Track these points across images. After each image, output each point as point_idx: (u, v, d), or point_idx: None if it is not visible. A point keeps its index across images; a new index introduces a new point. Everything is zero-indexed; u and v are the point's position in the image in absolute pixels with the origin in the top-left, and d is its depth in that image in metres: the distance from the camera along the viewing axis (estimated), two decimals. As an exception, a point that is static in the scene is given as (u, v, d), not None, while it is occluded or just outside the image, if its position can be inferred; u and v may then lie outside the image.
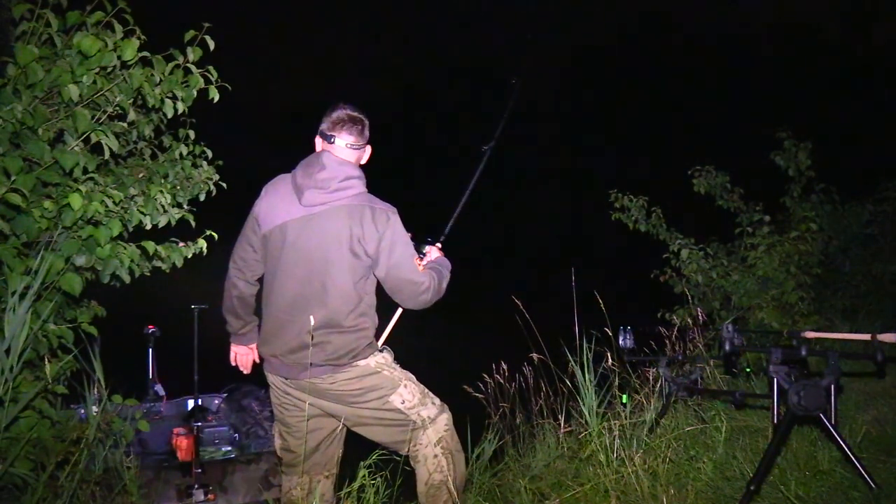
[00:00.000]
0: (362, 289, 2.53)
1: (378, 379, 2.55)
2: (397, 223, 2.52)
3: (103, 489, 2.93)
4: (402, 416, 2.56)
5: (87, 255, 2.87)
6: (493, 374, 3.93)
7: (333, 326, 2.47)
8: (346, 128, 2.53)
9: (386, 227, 2.47)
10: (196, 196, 3.55)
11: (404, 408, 2.56)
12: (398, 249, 2.50)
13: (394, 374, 2.59)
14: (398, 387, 2.56)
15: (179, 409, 4.81)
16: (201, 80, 3.13)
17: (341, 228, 2.45)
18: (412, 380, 2.64)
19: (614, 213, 5.83)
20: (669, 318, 5.28)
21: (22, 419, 2.67)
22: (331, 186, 2.46)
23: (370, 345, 2.56)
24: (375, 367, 2.56)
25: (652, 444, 3.20)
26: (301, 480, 2.67)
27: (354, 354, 2.50)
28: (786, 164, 5.79)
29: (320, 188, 2.46)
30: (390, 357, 2.66)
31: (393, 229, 2.49)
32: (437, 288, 2.61)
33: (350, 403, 2.55)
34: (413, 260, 2.56)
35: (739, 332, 3.13)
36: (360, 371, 2.52)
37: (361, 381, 2.53)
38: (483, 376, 3.94)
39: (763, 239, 5.42)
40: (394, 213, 2.52)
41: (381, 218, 2.48)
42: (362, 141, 2.57)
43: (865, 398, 4.06)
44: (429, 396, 2.64)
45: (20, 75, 2.73)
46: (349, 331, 2.49)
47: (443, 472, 2.58)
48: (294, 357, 2.50)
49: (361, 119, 2.56)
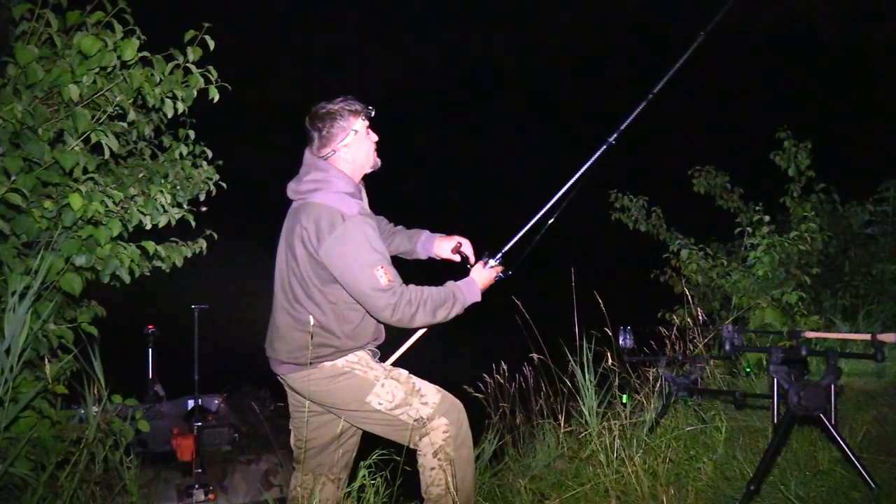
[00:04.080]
0: (330, 293, 2.41)
1: (349, 380, 2.44)
2: (349, 230, 2.32)
3: (103, 489, 2.93)
4: (388, 417, 2.43)
5: (87, 255, 2.86)
6: (493, 374, 3.93)
7: (298, 323, 2.44)
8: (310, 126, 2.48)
9: (333, 234, 2.31)
10: (196, 196, 3.55)
11: (384, 409, 2.42)
12: (348, 258, 2.32)
13: (368, 373, 2.45)
14: (374, 387, 2.43)
15: (179, 409, 4.82)
16: (201, 80, 3.13)
17: (299, 227, 2.40)
18: (395, 378, 2.47)
19: (614, 214, 5.83)
20: (669, 318, 5.27)
21: (22, 419, 2.66)
22: (301, 182, 2.47)
23: (339, 350, 2.44)
24: (344, 367, 2.44)
25: (652, 444, 3.20)
26: (305, 479, 2.64)
27: (317, 355, 2.41)
28: (786, 164, 5.78)
29: (295, 182, 2.51)
30: (366, 356, 2.51)
31: (342, 235, 2.31)
32: (412, 312, 2.37)
33: (333, 405, 2.51)
34: (368, 271, 2.32)
35: (739, 332, 3.12)
36: (328, 372, 2.44)
37: (332, 383, 2.45)
38: (483, 376, 3.94)
39: (763, 239, 5.42)
40: (351, 218, 2.33)
41: (326, 225, 2.33)
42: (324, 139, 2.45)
43: (865, 398, 4.05)
44: (418, 395, 2.45)
45: (20, 75, 2.74)
46: (318, 332, 2.41)
47: (440, 486, 2.42)
48: (271, 351, 2.55)
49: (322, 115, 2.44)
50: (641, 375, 4.00)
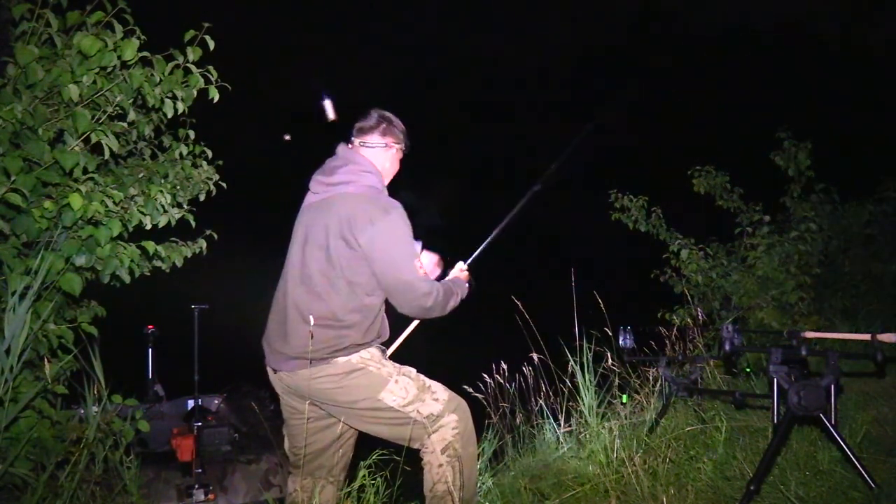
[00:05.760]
0: (358, 284, 2.43)
1: (363, 376, 2.43)
2: (397, 219, 2.43)
3: (103, 489, 2.93)
4: (400, 415, 2.44)
5: (87, 255, 2.86)
6: (493, 374, 3.93)
7: (322, 318, 2.40)
8: (367, 129, 2.61)
9: (380, 222, 2.39)
10: (196, 196, 3.55)
11: (398, 406, 2.43)
12: (393, 245, 2.41)
13: (381, 370, 2.46)
14: (387, 383, 2.44)
15: (179, 409, 4.83)
16: (201, 80, 3.13)
17: (334, 218, 2.42)
18: (407, 374, 2.50)
19: (614, 214, 5.83)
20: (669, 318, 5.28)
21: (22, 419, 2.66)
22: (336, 174, 2.50)
23: (356, 344, 2.44)
24: (358, 364, 2.43)
25: (652, 444, 3.20)
26: (304, 483, 2.62)
27: (334, 350, 2.40)
28: (786, 164, 5.79)
29: (326, 175, 2.52)
30: (378, 353, 2.52)
31: (389, 225, 2.40)
32: (440, 301, 2.50)
33: (342, 403, 2.46)
34: (412, 261, 2.44)
35: (739, 332, 3.12)
36: (342, 367, 2.41)
37: (344, 380, 2.42)
38: (483, 376, 3.94)
39: (763, 239, 5.42)
40: (395, 209, 2.44)
41: (375, 212, 2.40)
42: (384, 140, 2.61)
43: (865, 398, 4.05)
44: (429, 392, 2.49)
45: (20, 75, 2.73)
46: (336, 325, 2.40)
47: (446, 482, 2.44)
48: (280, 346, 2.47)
49: (380, 120, 2.62)
50: (641, 375, 4.00)
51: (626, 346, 3.55)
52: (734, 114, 18.71)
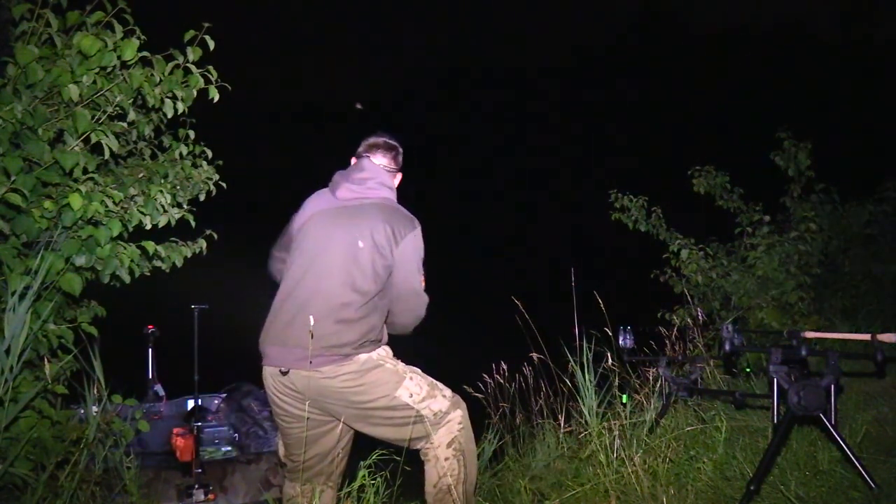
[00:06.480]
0: (378, 287, 2.52)
1: (382, 373, 2.49)
2: (420, 235, 2.61)
3: (103, 489, 2.93)
4: (413, 411, 2.49)
5: (87, 255, 2.86)
6: (493, 374, 3.93)
7: (345, 317, 2.45)
8: (381, 150, 2.72)
9: (410, 233, 2.57)
10: (196, 196, 3.55)
11: (413, 402, 2.49)
12: (415, 258, 2.59)
13: (397, 366, 2.55)
14: (404, 380, 2.51)
15: (179, 409, 4.82)
16: (201, 80, 3.13)
17: (371, 222, 2.52)
18: (417, 372, 2.59)
19: (614, 214, 5.83)
20: (669, 318, 5.27)
21: (22, 419, 2.66)
22: (366, 184, 2.61)
23: (376, 340, 2.54)
24: (378, 360, 2.51)
25: (652, 444, 3.20)
26: (304, 489, 2.63)
27: (358, 345, 2.46)
28: (786, 164, 5.78)
29: (356, 184, 2.61)
30: (390, 351, 2.63)
31: (416, 238, 2.59)
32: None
33: (356, 403, 2.47)
34: (422, 273, 2.64)
35: (739, 332, 3.12)
36: (361, 364, 2.46)
37: (365, 376, 2.46)
38: (483, 376, 3.94)
39: (763, 239, 5.41)
40: (418, 225, 2.63)
41: (407, 223, 2.58)
42: (395, 166, 2.74)
43: (865, 398, 4.05)
44: (438, 389, 2.58)
45: (20, 75, 2.73)
46: (358, 322, 2.47)
47: (453, 475, 2.51)
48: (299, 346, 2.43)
49: (395, 146, 2.75)
50: (641, 375, 4.00)
51: (626, 346, 3.55)
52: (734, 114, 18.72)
